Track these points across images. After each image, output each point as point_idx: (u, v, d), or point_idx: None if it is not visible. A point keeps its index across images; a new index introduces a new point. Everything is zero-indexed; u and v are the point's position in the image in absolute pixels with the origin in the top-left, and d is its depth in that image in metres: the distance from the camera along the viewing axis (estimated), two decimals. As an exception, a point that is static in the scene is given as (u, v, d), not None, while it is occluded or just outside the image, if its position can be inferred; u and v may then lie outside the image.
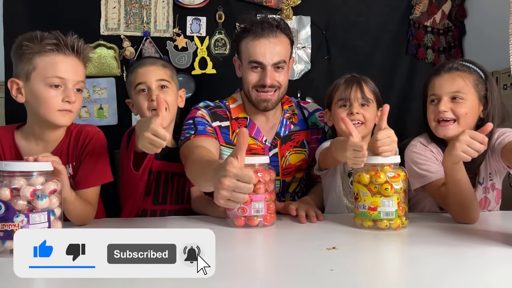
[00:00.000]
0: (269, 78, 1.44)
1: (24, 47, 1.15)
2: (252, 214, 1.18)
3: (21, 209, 0.94)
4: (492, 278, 0.83)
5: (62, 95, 1.17)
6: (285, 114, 1.59)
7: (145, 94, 1.41)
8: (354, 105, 1.42)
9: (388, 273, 0.87)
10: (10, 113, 1.92)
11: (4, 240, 0.93)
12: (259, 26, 1.43)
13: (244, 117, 1.55)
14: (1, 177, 0.95)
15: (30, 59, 1.15)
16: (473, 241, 1.07)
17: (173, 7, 2.07)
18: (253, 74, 1.46)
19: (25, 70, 1.16)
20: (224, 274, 0.85)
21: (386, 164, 1.17)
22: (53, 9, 1.98)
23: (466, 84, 1.31)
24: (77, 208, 1.17)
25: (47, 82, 1.16)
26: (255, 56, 1.44)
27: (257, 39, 1.43)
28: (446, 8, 2.25)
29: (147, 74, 1.41)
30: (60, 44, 1.17)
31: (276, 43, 1.44)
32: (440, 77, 1.34)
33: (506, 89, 1.89)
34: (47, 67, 1.16)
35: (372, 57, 2.18)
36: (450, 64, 1.36)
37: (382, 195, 1.14)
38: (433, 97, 1.34)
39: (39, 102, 1.16)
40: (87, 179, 1.24)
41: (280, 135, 1.57)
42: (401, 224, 1.16)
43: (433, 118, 1.33)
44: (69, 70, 1.18)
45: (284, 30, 1.47)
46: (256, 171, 1.20)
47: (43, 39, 1.16)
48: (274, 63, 1.44)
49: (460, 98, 1.30)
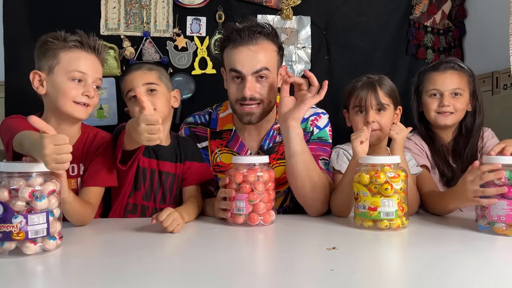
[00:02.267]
0: (249, 89, 1.35)
1: (49, 43, 1.24)
2: (234, 212, 1.23)
3: (19, 210, 0.93)
4: (491, 278, 0.82)
5: (83, 89, 1.25)
6: (275, 125, 1.51)
7: (135, 101, 1.37)
8: (370, 114, 1.40)
9: (388, 273, 0.87)
10: (10, 113, 1.91)
11: (3, 242, 0.92)
12: (238, 34, 1.35)
13: (229, 129, 1.52)
14: (0, 177, 0.95)
15: (54, 54, 1.24)
16: (476, 240, 1.07)
17: (173, 7, 2.07)
18: (234, 85, 1.39)
19: (49, 64, 1.24)
20: (224, 274, 0.85)
21: (386, 164, 1.18)
22: (53, 9, 1.98)
23: (462, 82, 1.52)
24: (76, 209, 1.18)
25: (70, 76, 1.24)
26: (234, 64, 1.36)
27: (236, 47, 1.36)
28: (446, 8, 2.25)
29: (133, 80, 1.41)
30: (83, 42, 1.26)
31: (257, 50, 1.35)
32: (441, 73, 1.53)
33: (506, 89, 1.88)
34: (71, 61, 1.24)
35: (372, 57, 2.18)
36: (448, 64, 1.55)
37: (382, 195, 1.14)
38: (434, 91, 1.53)
39: (59, 93, 1.24)
40: (93, 178, 1.27)
41: (264, 148, 1.50)
42: (401, 224, 1.16)
43: (434, 109, 1.53)
44: (90, 67, 1.27)
45: (268, 36, 1.39)
46: (255, 170, 1.22)
47: (67, 37, 1.25)
48: (255, 72, 1.35)
49: (459, 94, 1.51)
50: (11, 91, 1.96)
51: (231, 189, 1.23)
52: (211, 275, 0.84)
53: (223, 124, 1.54)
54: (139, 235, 1.13)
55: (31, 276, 0.88)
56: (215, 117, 1.57)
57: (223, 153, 1.52)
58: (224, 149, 1.52)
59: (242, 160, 1.26)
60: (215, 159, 1.52)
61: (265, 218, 1.23)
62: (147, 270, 0.87)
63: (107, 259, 0.97)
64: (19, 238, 0.92)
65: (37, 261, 0.93)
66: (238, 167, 1.24)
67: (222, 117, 1.55)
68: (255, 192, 1.21)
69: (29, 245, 0.93)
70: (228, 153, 1.51)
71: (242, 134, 1.52)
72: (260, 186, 1.21)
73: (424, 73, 1.58)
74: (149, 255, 0.98)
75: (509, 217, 1.07)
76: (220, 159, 1.51)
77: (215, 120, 1.56)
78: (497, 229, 1.09)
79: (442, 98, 1.51)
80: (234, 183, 1.23)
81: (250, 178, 1.21)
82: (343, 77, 1.72)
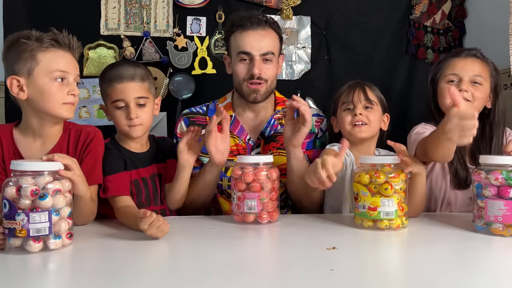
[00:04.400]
0: (257, 68, 1.46)
1: (23, 44, 1.16)
2: (246, 211, 1.23)
3: (24, 207, 0.95)
4: (492, 278, 0.83)
5: (67, 88, 1.20)
6: (275, 115, 1.58)
7: (123, 110, 1.36)
8: (358, 107, 1.44)
9: (388, 273, 0.88)
10: (10, 113, 1.92)
11: (9, 238, 0.96)
12: (248, 20, 1.47)
13: (229, 115, 1.53)
14: (13, 176, 0.98)
15: (32, 56, 1.16)
16: (473, 241, 1.07)
17: (173, 7, 2.07)
18: (242, 66, 1.49)
19: (27, 66, 1.17)
20: (224, 273, 0.85)
21: (386, 164, 1.18)
22: (53, 9, 1.98)
23: (484, 71, 1.42)
24: (88, 206, 1.20)
25: (52, 76, 1.18)
26: (243, 47, 1.47)
27: (246, 31, 1.47)
28: (446, 8, 2.25)
29: (125, 91, 1.35)
30: (58, 40, 1.20)
31: (265, 35, 1.48)
32: (462, 59, 1.43)
33: (506, 89, 1.88)
34: (51, 61, 1.18)
35: (372, 57, 2.18)
36: (471, 51, 1.45)
37: (382, 195, 1.15)
38: (453, 77, 1.41)
39: (45, 96, 1.18)
40: (89, 176, 1.24)
41: (265, 135, 1.56)
42: (401, 224, 1.16)
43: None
44: (69, 64, 1.22)
45: (273, 26, 1.51)
46: (260, 170, 1.23)
47: (40, 36, 1.19)
48: (262, 54, 1.47)
49: (479, 82, 1.39)
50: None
51: (241, 189, 1.24)
52: (211, 275, 0.84)
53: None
54: (140, 235, 1.14)
55: (32, 274, 0.88)
56: (213, 107, 1.60)
57: None
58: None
59: (248, 159, 1.28)
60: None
61: (272, 215, 1.25)
62: (147, 269, 0.87)
63: (108, 259, 0.97)
64: (22, 235, 0.94)
65: (40, 259, 0.94)
66: (244, 167, 1.25)
67: (221, 106, 1.57)
68: (264, 190, 1.23)
69: (32, 243, 0.95)
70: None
71: (241, 119, 1.58)
72: (269, 184, 1.24)
73: (444, 60, 1.49)
74: (149, 255, 0.98)
75: (506, 218, 1.07)
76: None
77: (213, 110, 1.59)
78: (494, 229, 1.09)
79: (460, 83, 1.39)
80: (244, 183, 1.23)
81: (260, 177, 1.22)
82: (343, 77, 1.72)
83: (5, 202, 0.96)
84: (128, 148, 1.41)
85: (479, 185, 1.13)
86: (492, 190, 1.10)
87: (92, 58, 2.02)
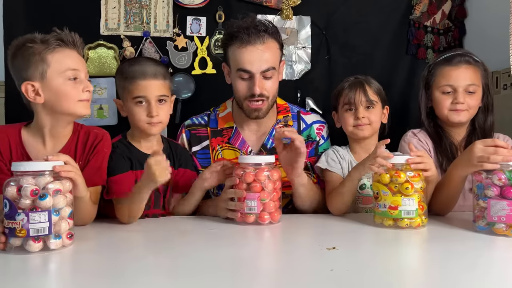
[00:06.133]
0: (258, 86, 1.41)
1: (30, 48, 1.17)
2: (245, 211, 1.23)
3: (25, 207, 0.96)
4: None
5: (81, 85, 1.21)
6: (277, 125, 1.56)
7: (144, 106, 1.37)
8: (360, 110, 1.47)
9: (388, 273, 0.87)
10: (10, 113, 1.92)
11: (10, 237, 0.96)
12: (245, 32, 1.39)
13: (230, 127, 1.55)
14: (15, 175, 0.99)
15: (42, 58, 1.17)
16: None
17: (173, 7, 2.06)
18: (242, 83, 1.45)
19: (39, 70, 1.17)
20: (225, 273, 0.85)
21: (406, 164, 1.19)
22: (53, 9, 1.97)
23: (477, 77, 1.45)
24: (88, 208, 1.20)
25: (66, 76, 1.19)
26: (243, 64, 1.42)
27: (244, 47, 1.40)
28: (446, 8, 2.25)
29: (149, 88, 1.36)
30: (63, 39, 1.21)
31: (264, 50, 1.41)
32: (455, 68, 1.44)
33: (506, 89, 1.88)
34: (61, 61, 1.19)
35: (372, 57, 2.18)
36: (462, 57, 1.46)
37: (403, 194, 1.16)
38: (447, 88, 1.44)
39: (61, 96, 1.19)
40: (92, 178, 1.25)
41: (267, 147, 1.54)
42: (421, 223, 1.17)
43: (447, 106, 1.44)
44: (79, 61, 1.23)
45: (273, 35, 1.44)
46: (261, 170, 1.23)
47: (45, 38, 1.19)
48: (263, 71, 1.42)
49: (473, 91, 1.44)
50: (11, 91, 1.95)
51: (241, 189, 1.23)
52: (211, 275, 0.84)
53: (223, 122, 1.57)
54: (140, 235, 1.14)
55: (32, 274, 0.88)
56: (214, 117, 1.59)
57: (224, 149, 1.54)
58: (226, 145, 1.54)
59: (249, 159, 1.27)
60: (216, 156, 1.54)
61: (273, 216, 1.24)
62: (147, 270, 0.87)
63: (108, 259, 0.97)
64: (22, 235, 0.95)
65: (40, 259, 0.94)
66: (245, 167, 1.25)
67: (222, 117, 1.58)
68: (265, 191, 1.23)
69: (31, 242, 0.96)
70: (230, 149, 1.54)
71: (242, 131, 1.56)
72: (270, 185, 1.23)
73: (436, 66, 1.49)
74: (149, 255, 0.98)
75: (510, 218, 1.07)
76: (222, 155, 1.53)
77: (214, 120, 1.59)
78: (497, 229, 1.09)
79: (455, 94, 1.43)
80: (244, 183, 1.23)
81: (261, 177, 1.22)
82: (343, 77, 1.71)
83: (6, 202, 0.96)
84: (138, 148, 1.41)
85: (481, 186, 1.13)
86: (495, 190, 1.10)
87: (92, 58, 2.02)
